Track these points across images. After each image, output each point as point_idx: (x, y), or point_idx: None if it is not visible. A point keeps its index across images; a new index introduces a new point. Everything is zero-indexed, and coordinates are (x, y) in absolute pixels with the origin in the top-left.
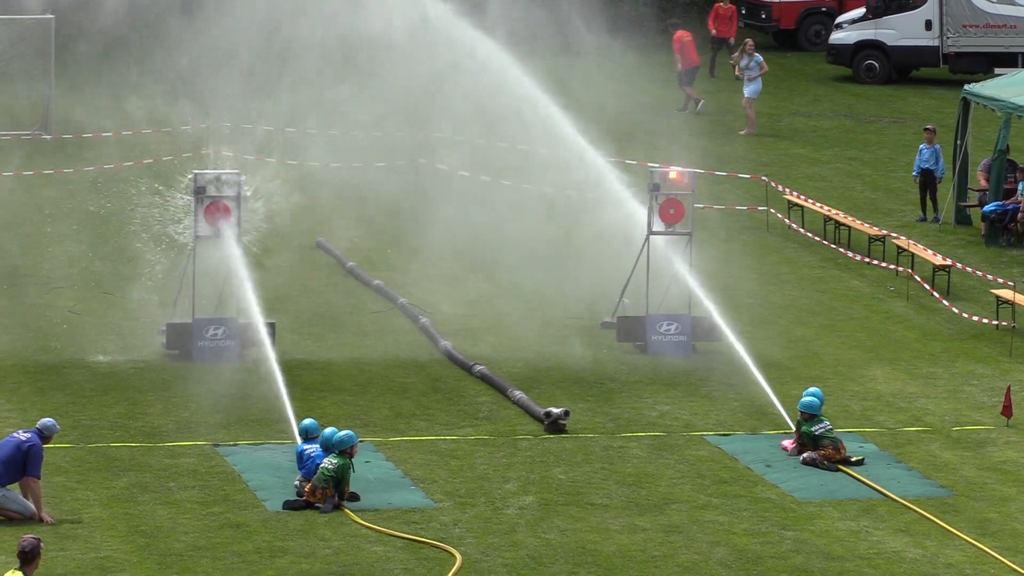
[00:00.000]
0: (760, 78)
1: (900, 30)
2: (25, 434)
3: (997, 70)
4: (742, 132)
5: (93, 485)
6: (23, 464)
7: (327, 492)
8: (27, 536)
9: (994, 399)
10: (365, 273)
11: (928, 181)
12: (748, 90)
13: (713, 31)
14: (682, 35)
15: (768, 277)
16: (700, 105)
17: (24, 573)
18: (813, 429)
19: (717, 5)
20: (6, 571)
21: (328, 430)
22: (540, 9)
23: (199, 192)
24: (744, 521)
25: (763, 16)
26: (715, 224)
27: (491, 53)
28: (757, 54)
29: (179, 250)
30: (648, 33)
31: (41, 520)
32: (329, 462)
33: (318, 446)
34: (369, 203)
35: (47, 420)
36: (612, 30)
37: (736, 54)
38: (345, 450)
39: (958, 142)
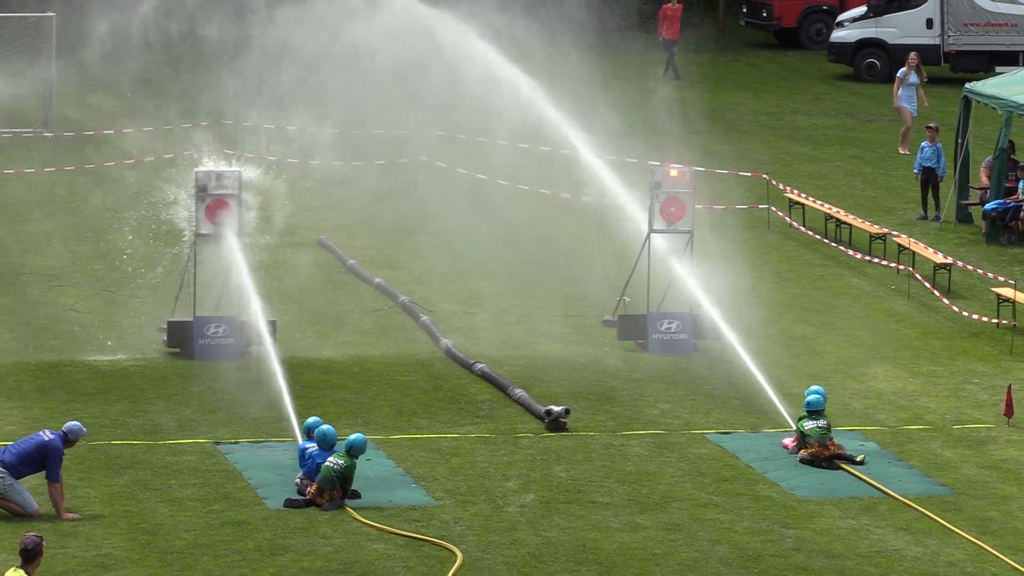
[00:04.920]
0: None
1: (901, 28)
2: (50, 434)
3: (998, 68)
4: (902, 151)
5: (94, 483)
6: (40, 464)
7: (334, 494)
8: (29, 534)
9: (995, 397)
10: (366, 271)
11: (930, 179)
12: (914, 106)
13: (663, 33)
14: None
15: (769, 275)
16: None
17: (26, 571)
18: (805, 426)
19: (665, 6)
20: (8, 569)
21: (325, 427)
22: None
23: (200, 190)
24: (745, 519)
25: (764, 15)
26: (716, 222)
27: (489, 52)
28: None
29: (180, 248)
30: (632, 32)
31: (62, 518)
32: (335, 463)
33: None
34: (370, 201)
35: (73, 424)
36: (601, 31)
37: (904, 68)
38: (354, 452)
39: (959, 140)
